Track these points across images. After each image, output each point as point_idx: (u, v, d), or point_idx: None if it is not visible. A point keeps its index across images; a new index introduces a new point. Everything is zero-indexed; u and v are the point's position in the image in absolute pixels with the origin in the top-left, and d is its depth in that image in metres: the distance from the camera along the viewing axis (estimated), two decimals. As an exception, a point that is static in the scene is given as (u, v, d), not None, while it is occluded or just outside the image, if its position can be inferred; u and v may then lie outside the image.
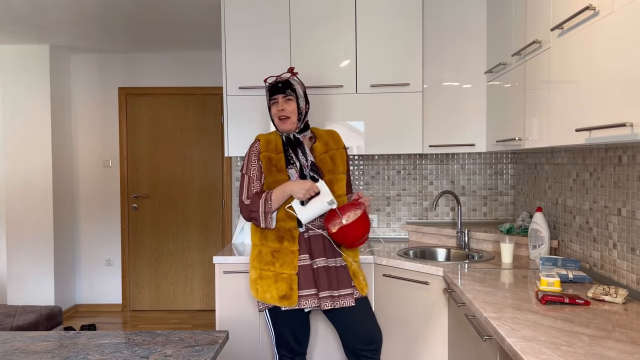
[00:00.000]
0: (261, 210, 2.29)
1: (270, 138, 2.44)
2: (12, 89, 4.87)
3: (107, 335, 1.67)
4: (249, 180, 2.38)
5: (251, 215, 2.33)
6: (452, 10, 3.02)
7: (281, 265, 2.31)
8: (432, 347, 2.52)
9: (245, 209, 2.34)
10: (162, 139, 5.29)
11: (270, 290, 2.30)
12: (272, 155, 2.37)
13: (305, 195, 2.25)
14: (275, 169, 2.36)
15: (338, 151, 2.47)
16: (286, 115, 2.36)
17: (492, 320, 1.62)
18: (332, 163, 2.42)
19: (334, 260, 2.38)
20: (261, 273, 2.35)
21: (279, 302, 2.29)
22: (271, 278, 2.32)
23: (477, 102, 2.99)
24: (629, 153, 1.96)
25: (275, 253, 2.33)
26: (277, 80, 2.40)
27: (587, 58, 1.66)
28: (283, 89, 2.37)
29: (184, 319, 5.06)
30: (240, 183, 2.42)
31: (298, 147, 2.38)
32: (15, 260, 4.91)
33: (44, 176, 4.88)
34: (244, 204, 2.35)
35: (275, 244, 2.34)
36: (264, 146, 2.40)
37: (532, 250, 2.57)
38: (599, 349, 1.36)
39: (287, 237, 2.33)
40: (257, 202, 2.30)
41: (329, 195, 2.27)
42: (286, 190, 2.28)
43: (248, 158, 2.41)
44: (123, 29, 4.35)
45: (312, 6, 3.05)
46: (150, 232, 5.31)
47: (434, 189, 3.41)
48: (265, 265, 2.34)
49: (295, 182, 2.29)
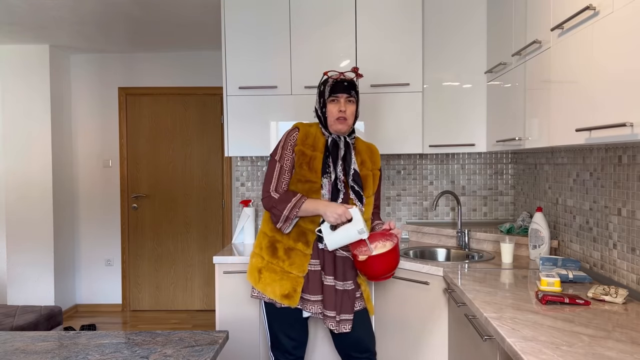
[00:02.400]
0: (285, 214, 2.19)
1: (311, 131, 2.29)
2: (12, 89, 4.87)
3: (107, 335, 1.67)
4: (280, 169, 2.25)
5: (273, 211, 2.22)
6: (452, 10, 3.02)
7: (291, 264, 2.25)
8: (432, 347, 2.52)
9: (270, 202, 2.23)
10: (162, 139, 5.29)
11: (273, 285, 2.26)
12: (307, 152, 2.24)
13: (336, 221, 2.14)
14: (307, 167, 2.23)
15: (372, 172, 2.37)
16: (345, 117, 2.24)
17: (492, 320, 1.62)
18: (364, 184, 2.31)
19: (342, 284, 2.28)
20: (268, 265, 2.29)
21: (280, 299, 2.25)
22: (277, 274, 2.27)
23: (477, 102, 2.99)
24: (629, 153, 1.96)
25: (288, 250, 2.26)
26: (341, 77, 2.27)
27: (587, 58, 1.66)
28: (348, 88, 2.25)
29: (184, 319, 5.05)
30: (269, 169, 2.27)
31: (345, 153, 2.27)
32: (15, 260, 4.91)
33: (44, 176, 4.88)
34: (270, 195, 2.23)
35: (290, 242, 2.26)
36: (301, 139, 2.26)
37: (532, 250, 2.57)
38: (599, 349, 1.36)
39: (302, 239, 2.25)
40: (286, 203, 2.19)
41: (360, 224, 2.12)
42: (319, 209, 2.17)
43: (283, 145, 2.27)
44: (123, 29, 4.35)
45: (312, 6, 3.05)
46: (150, 232, 5.31)
47: (434, 189, 3.41)
48: (274, 259, 2.28)
49: (329, 204, 2.16)
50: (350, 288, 2.31)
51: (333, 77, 2.29)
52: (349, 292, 2.30)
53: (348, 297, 2.30)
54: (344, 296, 2.29)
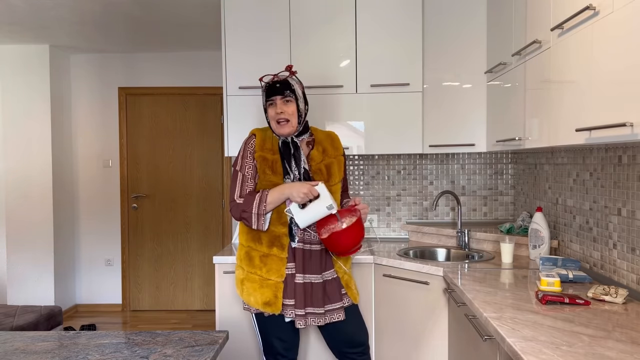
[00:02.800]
0: (254, 212, 2.19)
1: (267, 135, 2.31)
2: (12, 89, 4.87)
3: (107, 335, 1.67)
4: (242, 178, 2.26)
5: (242, 215, 2.22)
6: (452, 10, 3.02)
7: (268, 271, 2.24)
8: (432, 347, 2.52)
9: (237, 208, 2.23)
10: (162, 139, 5.29)
11: (255, 295, 2.25)
12: (268, 156, 2.26)
13: (303, 199, 2.14)
14: (270, 170, 2.25)
15: (336, 159, 2.36)
16: (285, 119, 2.22)
17: (492, 320, 1.62)
18: (328, 173, 2.32)
19: (322, 275, 2.30)
20: (248, 275, 2.29)
21: (262, 307, 2.24)
22: (257, 282, 2.26)
23: (477, 102, 2.99)
24: (629, 153, 1.96)
25: (263, 257, 2.26)
26: (274, 79, 2.24)
27: (587, 58, 1.66)
28: (281, 89, 2.21)
29: (184, 319, 5.05)
30: (232, 180, 2.29)
31: (295, 153, 2.27)
32: (15, 260, 4.91)
33: (44, 176, 4.88)
34: (235, 202, 2.24)
35: (264, 249, 2.26)
36: (259, 145, 2.27)
37: (532, 250, 2.57)
38: (599, 349, 1.36)
39: (276, 243, 2.24)
40: (251, 202, 2.20)
41: (329, 199, 2.16)
42: (284, 193, 2.17)
43: (243, 154, 2.29)
44: (123, 29, 4.35)
45: (312, 6, 3.05)
46: (150, 232, 5.31)
47: (434, 189, 3.41)
48: (252, 268, 2.27)
49: (293, 184, 2.17)
50: (333, 277, 2.32)
51: (266, 80, 2.28)
52: (331, 281, 2.31)
53: (333, 283, 2.30)
54: (327, 285, 2.29)
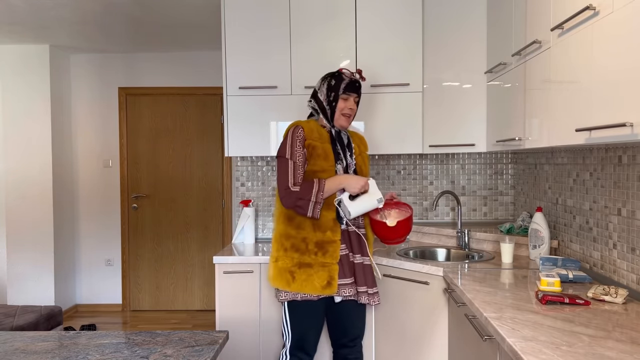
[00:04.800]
0: (312, 200, 2.26)
1: (311, 126, 2.40)
2: (12, 89, 4.87)
3: (107, 335, 1.67)
4: (294, 166, 2.31)
5: (298, 203, 2.28)
6: (452, 10, 3.02)
7: (324, 254, 2.32)
8: (432, 347, 2.52)
9: (292, 196, 2.28)
10: (162, 139, 5.30)
11: (311, 280, 2.30)
12: (317, 144, 2.35)
13: (360, 191, 2.31)
14: (320, 158, 2.34)
15: (363, 155, 2.58)
16: (350, 114, 2.42)
17: (492, 320, 1.62)
18: (363, 165, 2.53)
19: (362, 259, 2.45)
20: (301, 263, 2.32)
21: (321, 291, 2.30)
22: (313, 267, 2.31)
23: (477, 102, 2.99)
24: (629, 153, 1.96)
25: (318, 243, 2.32)
26: (353, 78, 2.42)
27: (587, 58, 1.66)
28: (359, 89, 2.42)
29: (184, 319, 5.06)
30: (281, 168, 2.34)
31: (348, 144, 2.46)
32: (15, 260, 4.91)
33: (44, 176, 4.88)
34: (289, 190, 2.29)
35: (318, 234, 2.33)
36: (308, 134, 2.36)
37: (532, 250, 2.57)
38: (599, 349, 1.36)
39: (329, 227, 2.33)
40: (309, 190, 2.26)
41: (379, 193, 2.34)
42: (342, 183, 2.31)
43: (292, 143, 2.34)
44: (123, 29, 4.35)
45: (312, 6, 3.05)
46: (150, 232, 5.31)
47: (434, 189, 3.41)
48: (306, 254, 2.32)
49: (350, 176, 2.33)
50: (368, 263, 2.46)
51: (347, 75, 2.42)
52: (368, 266, 2.46)
53: (370, 270, 2.47)
54: (366, 270, 2.45)
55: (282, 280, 2.35)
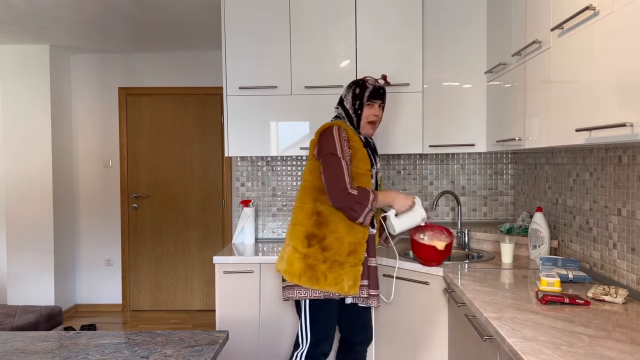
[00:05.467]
0: (369, 207, 2.28)
1: (349, 129, 2.41)
2: (12, 89, 4.87)
3: (107, 335, 1.67)
4: (346, 165, 2.29)
5: (354, 207, 2.27)
6: (452, 10, 3.02)
7: (354, 255, 2.34)
8: (432, 347, 2.52)
9: (350, 199, 2.26)
10: (162, 139, 5.29)
11: (341, 280, 2.30)
12: (358, 147, 2.37)
13: (407, 210, 2.38)
14: (362, 161, 2.37)
15: None
16: (376, 121, 2.45)
17: (492, 320, 1.62)
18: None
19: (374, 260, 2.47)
20: (334, 261, 2.31)
21: (347, 291, 2.31)
22: (344, 267, 2.31)
23: (477, 102, 2.99)
24: (629, 153, 1.96)
25: (351, 243, 2.33)
26: (377, 85, 2.43)
27: (587, 58, 1.66)
28: (384, 96, 2.44)
29: (184, 319, 5.05)
30: (334, 167, 2.28)
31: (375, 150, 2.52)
32: (15, 260, 4.91)
33: (44, 176, 4.88)
34: (349, 193, 2.26)
35: (352, 235, 2.33)
36: (350, 135, 2.37)
37: (532, 250, 2.57)
38: (599, 349, 1.36)
39: (361, 229, 2.35)
40: (367, 197, 2.27)
41: (423, 213, 2.41)
42: (393, 200, 2.37)
43: (339, 142, 2.31)
44: (123, 29, 4.35)
45: (312, 6, 3.05)
46: (150, 232, 5.31)
47: (434, 189, 3.41)
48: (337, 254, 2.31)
49: (399, 194, 2.39)
50: (375, 265, 2.47)
51: (371, 82, 2.44)
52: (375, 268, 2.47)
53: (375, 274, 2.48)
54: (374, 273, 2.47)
55: (311, 278, 2.30)
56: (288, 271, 2.34)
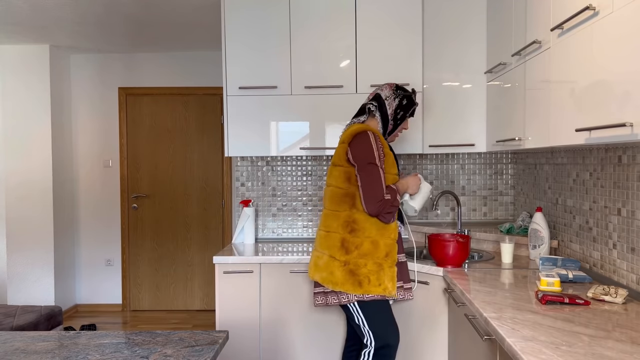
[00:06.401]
0: (395, 205, 2.32)
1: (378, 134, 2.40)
2: (12, 89, 4.87)
3: (107, 335, 1.67)
4: (382, 172, 2.30)
5: (390, 210, 2.30)
6: (452, 10, 3.02)
7: (390, 257, 2.34)
8: (432, 347, 2.52)
9: (386, 205, 2.28)
10: (162, 139, 5.29)
11: (386, 281, 2.31)
12: (388, 152, 2.39)
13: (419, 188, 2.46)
14: (393, 166, 2.39)
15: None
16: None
17: (492, 320, 1.62)
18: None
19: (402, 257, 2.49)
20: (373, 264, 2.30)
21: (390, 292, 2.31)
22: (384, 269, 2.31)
23: (477, 102, 2.99)
24: (629, 153, 1.96)
25: (387, 244, 2.33)
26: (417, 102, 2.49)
27: (587, 58, 1.66)
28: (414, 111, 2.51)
29: (184, 319, 5.06)
30: (374, 176, 2.27)
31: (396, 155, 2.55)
32: (15, 260, 4.91)
33: (44, 176, 4.87)
34: (385, 199, 2.27)
35: (386, 237, 2.34)
36: (382, 141, 2.37)
37: (532, 250, 2.57)
38: (599, 349, 1.36)
39: (393, 229, 2.36)
40: (396, 198, 2.31)
41: (428, 184, 2.52)
42: (407, 188, 2.43)
43: (377, 150, 2.30)
44: (123, 29, 4.35)
45: (312, 6, 3.05)
46: (150, 232, 5.31)
47: (434, 189, 3.41)
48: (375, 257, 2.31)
49: (407, 179, 2.45)
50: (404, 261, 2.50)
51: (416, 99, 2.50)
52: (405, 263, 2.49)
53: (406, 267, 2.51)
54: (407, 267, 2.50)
55: (354, 283, 2.29)
56: (329, 280, 2.33)
